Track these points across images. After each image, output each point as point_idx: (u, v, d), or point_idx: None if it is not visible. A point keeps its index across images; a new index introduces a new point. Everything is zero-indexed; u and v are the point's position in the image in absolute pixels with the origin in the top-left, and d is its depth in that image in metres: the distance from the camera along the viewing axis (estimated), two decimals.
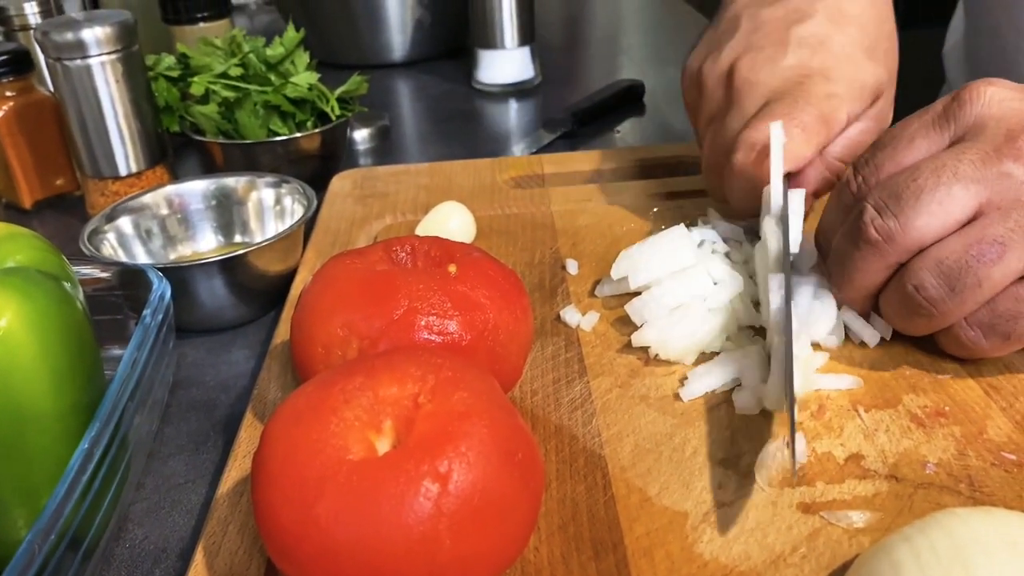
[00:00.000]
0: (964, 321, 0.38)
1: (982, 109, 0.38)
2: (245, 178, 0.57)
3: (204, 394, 0.47)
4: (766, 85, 0.46)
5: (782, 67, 0.47)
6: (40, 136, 0.67)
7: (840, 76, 0.46)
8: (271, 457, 0.28)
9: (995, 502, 0.33)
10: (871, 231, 0.38)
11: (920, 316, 0.38)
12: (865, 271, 0.39)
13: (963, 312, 0.37)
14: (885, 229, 0.37)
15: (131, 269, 0.45)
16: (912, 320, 0.39)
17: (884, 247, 0.38)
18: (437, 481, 0.26)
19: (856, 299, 0.41)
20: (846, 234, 0.39)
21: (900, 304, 0.39)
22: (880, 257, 0.38)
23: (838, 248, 0.40)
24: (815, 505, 0.33)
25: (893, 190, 0.37)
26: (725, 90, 0.49)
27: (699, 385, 0.39)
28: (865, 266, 0.39)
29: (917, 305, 0.38)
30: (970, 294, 0.36)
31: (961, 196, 0.36)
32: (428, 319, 0.35)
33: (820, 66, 0.46)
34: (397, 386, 0.29)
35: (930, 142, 0.39)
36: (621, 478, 0.35)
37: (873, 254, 0.38)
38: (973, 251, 0.36)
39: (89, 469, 0.32)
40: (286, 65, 0.68)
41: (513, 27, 0.87)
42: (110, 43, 0.59)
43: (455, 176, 0.64)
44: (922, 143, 0.39)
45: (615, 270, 0.46)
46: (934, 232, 0.37)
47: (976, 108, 0.38)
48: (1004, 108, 0.38)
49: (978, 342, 0.38)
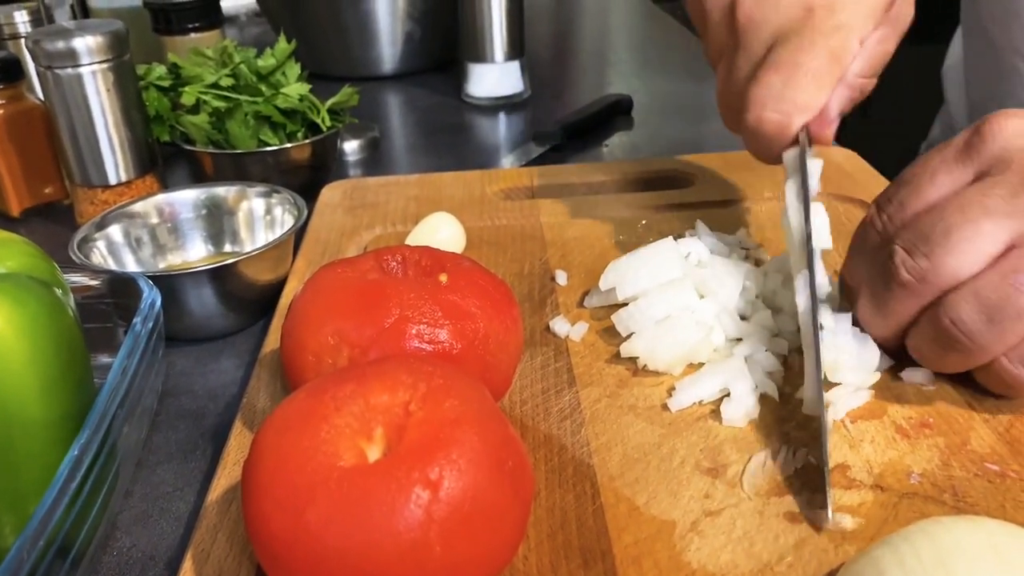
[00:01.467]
0: (1005, 356, 0.36)
1: (1005, 142, 0.38)
2: (235, 188, 0.57)
3: (193, 403, 0.47)
4: (770, 23, 0.44)
5: (784, 2, 0.44)
6: (29, 144, 0.67)
7: (845, 2, 0.44)
8: (262, 464, 0.28)
9: (978, 511, 0.33)
10: (903, 273, 0.37)
11: (957, 351, 0.37)
12: (899, 312, 0.38)
13: (1004, 346, 0.36)
14: (917, 270, 0.37)
15: (121, 277, 0.45)
16: (948, 356, 0.38)
17: (917, 288, 0.37)
18: (428, 488, 0.26)
19: (888, 339, 0.40)
20: (877, 277, 0.39)
21: (935, 340, 0.37)
22: (914, 298, 0.37)
23: (869, 291, 0.40)
24: (801, 515, 0.34)
25: (921, 230, 0.37)
26: (728, 28, 0.47)
27: (687, 396, 0.40)
28: (899, 308, 0.38)
29: (954, 340, 0.36)
30: (1010, 326, 0.35)
31: (991, 231, 0.36)
32: (419, 328, 0.35)
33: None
34: (388, 394, 0.29)
35: (953, 177, 0.38)
36: (610, 487, 0.35)
37: (907, 296, 0.38)
38: (1011, 281, 0.35)
39: (78, 477, 0.32)
40: (277, 76, 0.69)
41: (503, 41, 0.88)
42: (101, 52, 0.59)
43: (445, 188, 0.65)
44: (945, 179, 0.38)
45: (603, 281, 0.46)
46: (967, 269, 0.36)
47: (999, 142, 0.38)
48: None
49: (1020, 377, 0.37)
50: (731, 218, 0.58)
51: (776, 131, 0.43)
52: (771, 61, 0.43)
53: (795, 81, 0.42)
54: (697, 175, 0.65)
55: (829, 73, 0.43)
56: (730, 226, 0.57)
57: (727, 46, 0.47)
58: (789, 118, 0.43)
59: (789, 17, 0.44)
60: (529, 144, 0.79)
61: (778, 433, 0.38)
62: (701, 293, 0.44)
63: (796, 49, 0.43)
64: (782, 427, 0.38)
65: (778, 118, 0.43)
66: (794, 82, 0.42)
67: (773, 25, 0.44)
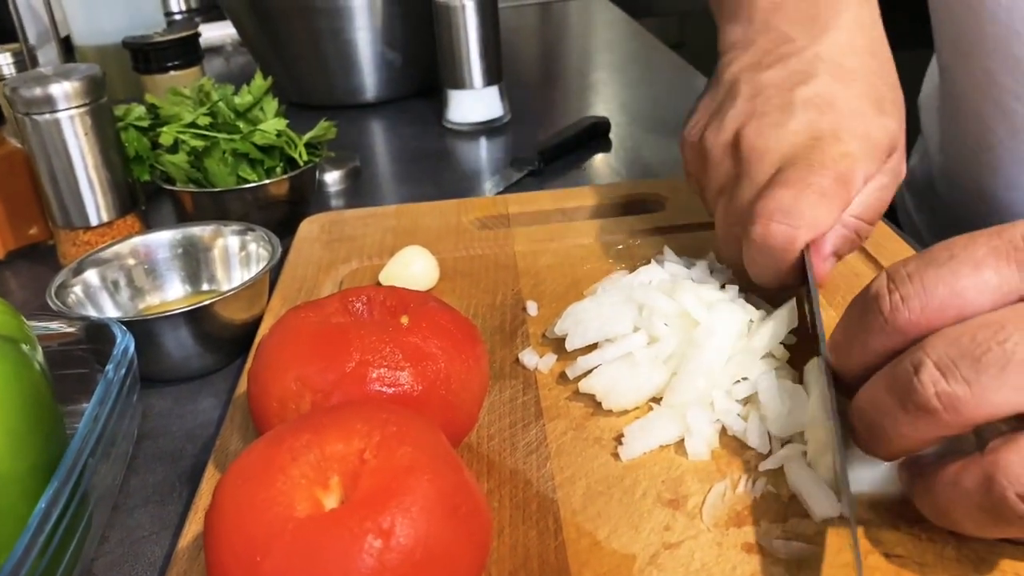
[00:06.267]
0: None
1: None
2: (211, 227, 0.58)
3: (170, 444, 0.47)
4: (776, 151, 0.44)
5: (790, 131, 0.45)
6: (12, 187, 0.68)
7: (852, 134, 0.44)
8: (221, 516, 0.29)
9: (932, 533, 0.34)
10: (931, 398, 0.30)
11: (1015, 527, 0.29)
12: (909, 439, 0.31)
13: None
14: (950, 397, 0.29)
15: (96, 323, 0.45)
16: (999, 528, 0.30)
17: (944, 418, 0.30)
18: (380, 537, 0.27)
19: (884, 459, 0.34)
20: (888, 387, 0.32)
21: (984, 511, 0.30)
22: (935, 428, 0.30)
23: (873, 399, 0.32)
24: (759, 545, 0.34)
25: (968, 349, 0.29)
26: (733, 160, 0.47)
27: (638, 445, 0.39)
28: (911, 433, 0.31)
29: (1019, 517, 0.29)
30: None
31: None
32: (379, 371, 0.36)
33: (830, 126, 0.44)
34: (343, 442, 0.30)
35: (1002, 278, 0.31)
36: (572, 522, 0.36)
37: (926, 423, 0.30)
38: None
39: (47, 528, 0.32)
40: (255, 112, 0.70)
41: (480, 67, 0.89)
42: (78, 97, 0.60)
43: (421, 218, 0.65)
44: (992, 276, 0.31)
45: (558, 326, 0.47)
46: (1010, 411, 0.29)
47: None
48: None
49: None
50: (702, 242, 0.59)
51: (783, 243, 0.42)
52: (779, 179, 0.43)
53: (804, 197, 0.42)
54: (671, 198, 0.65)
55: (837, 195, 0.42)
56: (701, 250, 0.57)
57: (729, 179, 0.47)
58: (796, 231, 0.41)
59: (795, 144, 0.44)
60: (508, 169, 0.80)
61: (739, 462, 0.39)
62: (655, 337, 0.44)
63: (805, 169, 0.42)
64: (743, 455, 0.39)
65: (786, 230, 0.42)
66: (803, 197, 0.42)
67: (779, 153, 0.44)
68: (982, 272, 0.31)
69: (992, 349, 0.29)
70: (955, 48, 0.66)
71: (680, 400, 0.40)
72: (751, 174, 0.45)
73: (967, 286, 0.31)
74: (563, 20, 1.54)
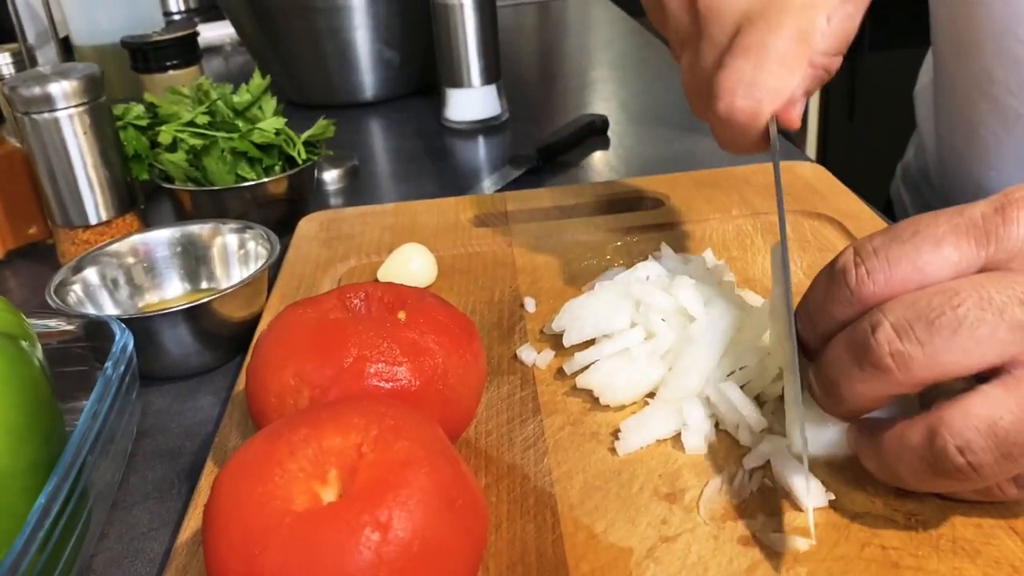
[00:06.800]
0: (1005, 482, 0.32)
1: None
2: (209, 225, 0.58)
3: (170, 441, 0.48)
4: (733, 5, 0.42)
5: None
6: (11, 187, 0.68)
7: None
8: (220, 509, 0.29)
9: (929, 531, 0.34)
10: (885, 356, 0.31)
11: (952, 479, 0.31)
12: (863, 396, 0.33)
13: (1007, 476, 0.32)
14: (903, 356, 0.31)
15: (95, 321, 0.46)
16: (936, 480, 0.32)
17: (896, 376, 0.31)
18: (377, 530, 0.27)
19: (840, 416, 0.36)
20: (847, 346, 0.33)
21: (925, 463, 0.32)
22: (887, 386, 0.32)
23: (832, 357, 0.34)
24: (755, 537, 0.34)
25: (920, 310, 0.31)
26: (690, 15, 0.44)
27: (635, 440, 0.39)
28: (865, 391, 0.33)
29: (956, 469, 0.31)
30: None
31: (1003, 342, 0.30)
32: (377, 366, 0.36)
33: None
34: (340, 437, 0.30)
35: (962, 254, 0.32)
36: (569, 516, 0.36)
37: (879, 380, 0.32)
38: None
39: (46, 524, 0.33)
40: (253, 111, 0.70)
41: (478, 65, 0.89)
42: (77, 96, 0.60)
43: (419, 216, 0.66)
44: (951, 252, 0.32)
45: (556, 322, 0.47)
46: (958, 373, 0.31)
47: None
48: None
49: (1015, 496, 0.33)
50: (699, 237, 0.59)
51: (749, 119, 0.41)
52: (738, 45, 0.41)
53: (765, 66, 0.40)
54: (668, 195, 0.66)
55: (798, 55, 0.41)
56: (698, 246, 0.58)
57: (689, 35, 0.45)
58: (760, 105, 0.41)
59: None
60: (506, 168, 0.80)
61: (736, 456, 0.39)
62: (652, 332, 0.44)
63: (764, 31, 0.41)
64: (740, 449, 0.39)
65: (750, 105, 0.41)
66: (764, 67, 0.40)
67: (737, 8, 0.42)
68: (942, 248, 0.32)
69: (946, 313, 0.30)
70: (952, 43, 0.66)
71: (675, 395, 0.41)
72: (710, 34, 0.43)
73: (929, 261, 0.32)
74: (561, 18, 1.54)
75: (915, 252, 0.32)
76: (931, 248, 0.32)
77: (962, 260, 0.32)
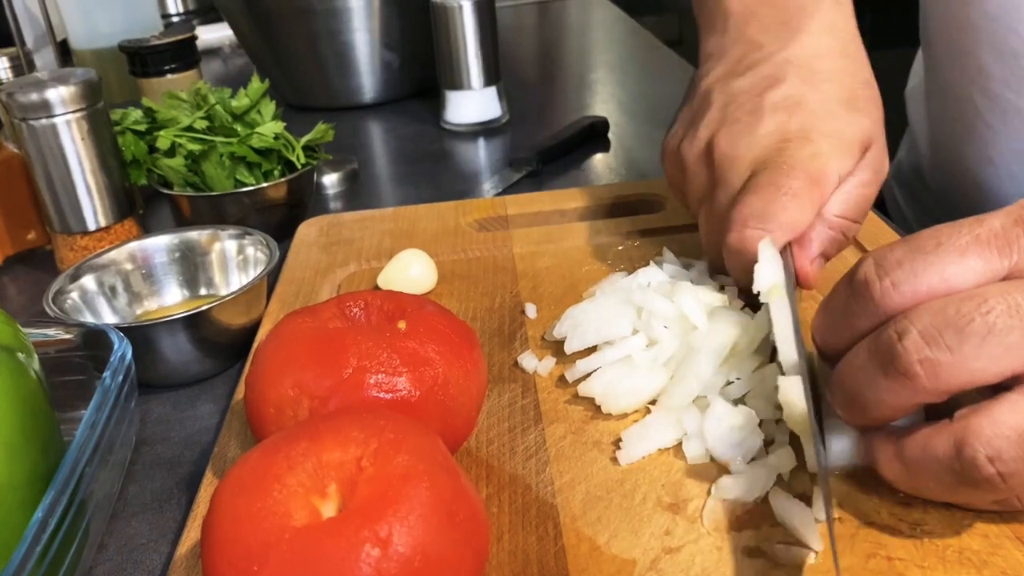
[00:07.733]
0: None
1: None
2: (207, 231, 0.57)
3: (169, 451, 0.47)
4: (747, 157, 0.45)
5: (760, 135, 0.45)
6: (9, 193, 0.67)
7: (821, 134, 0.45)
8: (217, 526, 0.29)
9: (935, 541, 0.34)
10: (913, 363, 0.30)
11: (979, 488, 0.31)
12: (888, 405, 0.32)
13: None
14: (932, 363, 0.30)
15: (93, 330, 0.45)
16: (960, 490, 0.32)
17: (923, 384, 0.31)
18: (377, 545, 0.27)
19: (861, 426, 0.35)
20: (871, 354, 0.32)
21: (952, 472, 0.31)
22: (913, 394, 0.31)
23: (854, 366, 0.33)
24: (759, 549, 0.34)
25: (952, 318, 0.30)
26: (707, 169, 0.47)
27: (637, 450, 0.39)
28: (891, 399, 0.32)
29: (985, 479, 0.30)
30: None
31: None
32: (377, 377, 0.35)
33: (799, 128, 0.45)
34: (340, 450, 0.30)
35: (986, 263, 0.32)
36: (572, 527, 0.36)
37: (906, 389, 0.31)
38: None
39: (44, 537, 0.32)
40: (252, 115, 0.69)
41: (478, 68, 0.89)
42: (75, 102, 0.60)
43: (419, 220, 0.65)
44: (975, 262, 0.32)
45: (557, 329, 0.46)
46: (986, 380, 0.30)
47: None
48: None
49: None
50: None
51: (758, 248, 0.42)
52: (752, 185, 0.44)
53: (776, 200, 0.42)
54: (670, 198, 0.65)
55: (809, 195, 0.43)
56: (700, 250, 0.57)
57: (706, 190, 0.48)
58: (771, 236, 0.42)
59: (765, 147, 0.45)
60: (506, 170, 0.80)
61: None
62: (654, 339, 0.43)
63: (775, 172, 0.43)
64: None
65: (760, 235, 0.42)
66: (775, 202, 0.42)
67: (750, 158, 0.45)
68: (968, 258, 0.32)
69: (975, 319, 0.30)
70: (946, 40, 0.66)
71: (677, 403, 0.40)
72: (725, 181, 0.46)
73: (955, 272, 0.32)
74: (561, 19, 1.54)
75: (941, 263, 0.32)
76: (956, 258, 0.32)
77: (987, 270, 0.32)
